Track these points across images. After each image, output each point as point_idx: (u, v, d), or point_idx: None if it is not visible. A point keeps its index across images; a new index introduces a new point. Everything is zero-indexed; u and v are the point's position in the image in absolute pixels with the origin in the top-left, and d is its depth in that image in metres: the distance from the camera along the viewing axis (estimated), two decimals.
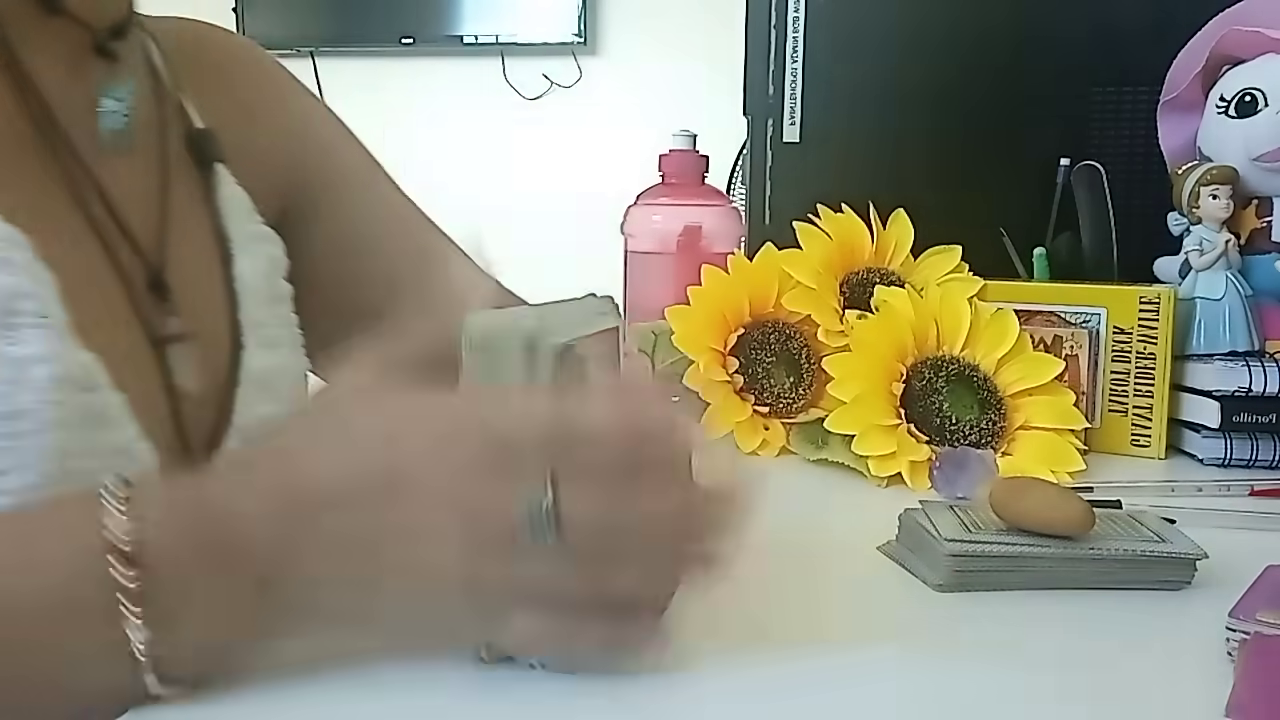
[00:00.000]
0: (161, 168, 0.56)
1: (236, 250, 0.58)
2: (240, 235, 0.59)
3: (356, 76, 2.99)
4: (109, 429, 0.47)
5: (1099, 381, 0.77)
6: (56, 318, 0.46)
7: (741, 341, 0.76)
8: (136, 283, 0.52)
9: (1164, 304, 0.75)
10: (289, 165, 0.66)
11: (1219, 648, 0.41)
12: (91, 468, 0.46)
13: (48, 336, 0.45)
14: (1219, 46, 0.80)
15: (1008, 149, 0.92)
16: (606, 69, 2.91)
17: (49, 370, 0.45)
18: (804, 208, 0.80)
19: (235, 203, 0.60)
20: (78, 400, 0.46)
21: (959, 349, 0.72)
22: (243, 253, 0.59)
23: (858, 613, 0.48)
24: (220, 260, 0.58)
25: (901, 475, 0.67)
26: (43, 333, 0.45)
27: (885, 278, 0.79)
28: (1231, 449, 0.73)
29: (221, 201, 0.59)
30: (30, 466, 0.44)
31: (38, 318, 0.45)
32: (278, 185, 0.64)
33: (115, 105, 0.53)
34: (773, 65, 0.92)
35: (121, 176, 0.53)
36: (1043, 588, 0.48)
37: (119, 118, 0.53)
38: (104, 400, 0.47)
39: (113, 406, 0.48)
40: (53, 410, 0.45)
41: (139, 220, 0.53)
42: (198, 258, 0.57)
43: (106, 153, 0.53)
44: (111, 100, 0.53)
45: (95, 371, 0.47)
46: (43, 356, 0.45)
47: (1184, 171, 0.79)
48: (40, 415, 0.44)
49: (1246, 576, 0.45)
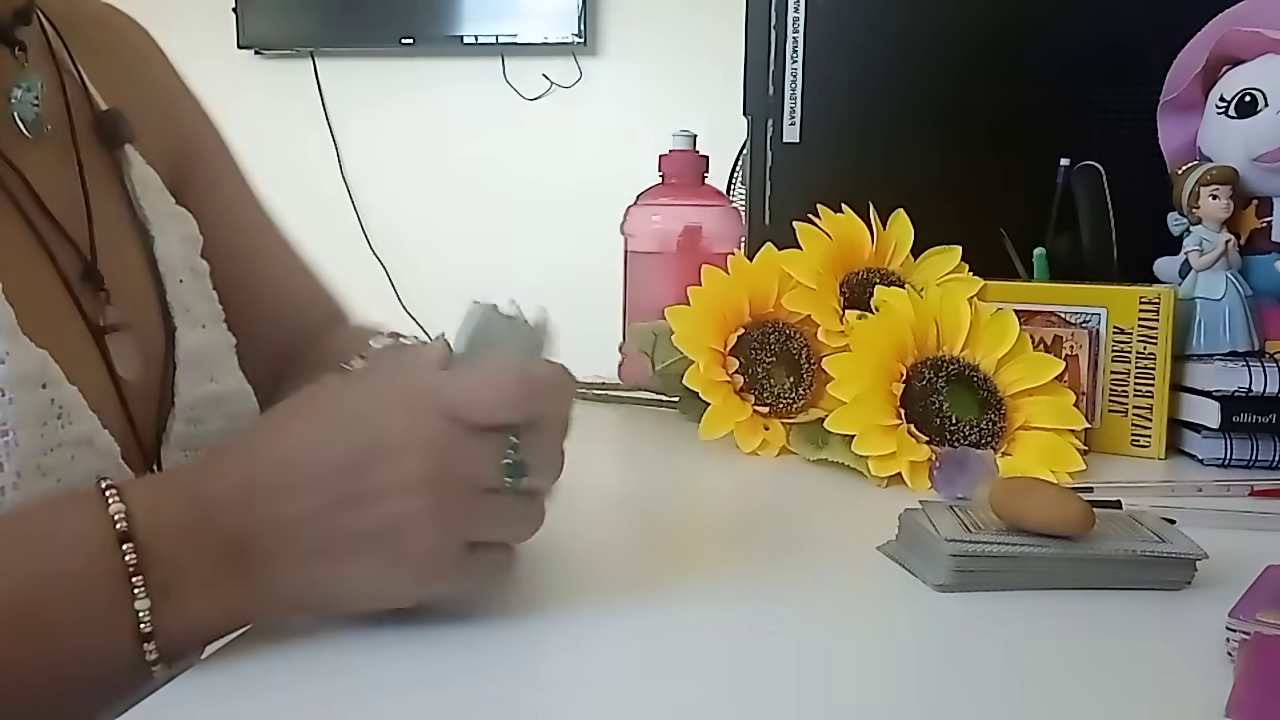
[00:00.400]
0: (75, 154, 0.55)
1: (155, 231, 0.58)
2: (157, 216, 0.59)
3: (356, 76, 2.99)
4: (69, 422, 0.47)
5: (1099, 381, 0.77)
6: (5, 316, 0.46)
7: (741, 341, 0.76)
8: (71, 274, 0.52)
9: (1164, 304, 0.75)
10: (175, 137, 0.65)
11: (1219, 648, 0.41)
12: (62, 461, 0.46)
13: (1, 337, 0.45)
14: (1219, 46, 0.80)
15: (1008, 149, 0.92)
16: (606, 69, 2.90)
17: (6, 370, 0.45)
18: (804, 208, 0.80)
19: (147, 183, 0.59)
20: (36, 398, 0.46)
21: (959, 349, 0.72)
22: (161, 233, 0.58)
23: (858, 613, 0.48)
24: (140, 243, 0.58)
25: (901, 475, 0.67)
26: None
27: (885, 278, 0.79)
28: (1231, 449, 0.73)
29: (134, 183, 0.58)
30: (4, 467, 0.44)
31: None
32: (169, 159, 0.63)
33: (25, 95, 0.52)
34: (773, 65, 0.92)
35: (39, 166, 0.52)
36: (1043, 588, 0.48)
37: (30, 106, 0.52)
38: (61, 394, 0.47)
39: (70, 400, 0.48)
40: (15, 409, 0.45)
41: (64, 210, 0.53)
42: (119, 243, 0.56)
43: (22, 144, 0.52)
44: (21, 89, 0.52)
45: (48, 367, 0.47)
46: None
47: (1184, 171, 0.79)
48: (5, 415, 0.44)
49: (1246, 576, 0.45)
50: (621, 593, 0.49)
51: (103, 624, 0.37)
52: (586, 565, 0.51)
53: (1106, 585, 0.49)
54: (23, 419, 0.45)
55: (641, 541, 0.59)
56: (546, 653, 0.42)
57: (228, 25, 2.90)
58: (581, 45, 2.85)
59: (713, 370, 0.75)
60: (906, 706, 0.39)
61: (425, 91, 2.97)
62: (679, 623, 0.46)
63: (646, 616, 0.46)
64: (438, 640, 0.42)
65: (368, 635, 0.42)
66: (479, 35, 2.88)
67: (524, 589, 0.48)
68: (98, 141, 0.58)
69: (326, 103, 3.00)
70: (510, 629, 0.44)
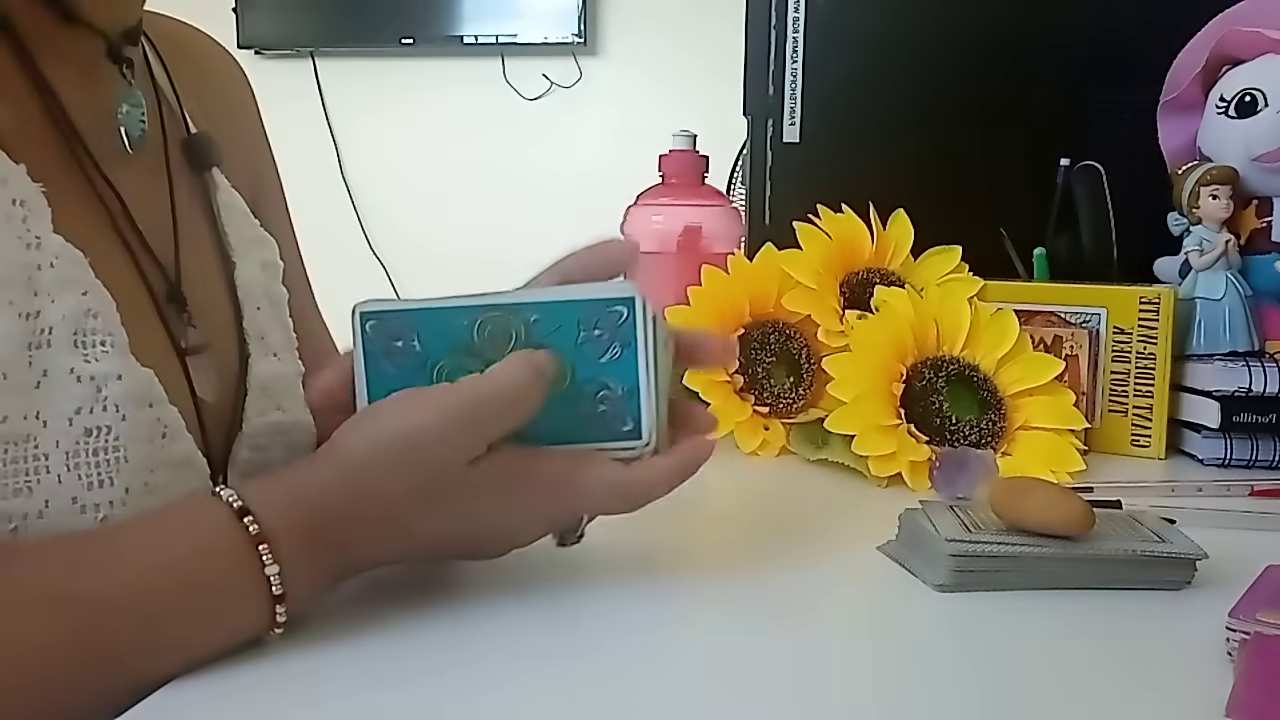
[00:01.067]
0: (167, 174, 0.56)
1: (237, 257, 0.58)
2: (240, 241, 0.59)
3: (356, 76, 2.99)
4: (171, 442, 0.48)
5: (1099, 381, 0.77)
6: (119, 335, 0.47)
7: (741, 341, 0.76)
8: (158, 294, 0.52)
9: (1164, 304, 0.75)
10: (253, 174, 0.66)
11: (1219, 648, 0.41)
12: (165, 480, 0.47)
13: (115, 354, 0.46)
14: (1219, 46, 0.80)
15: (1008, 149, 0.92)
16: (606, 69, 2.90)
17: (121, 387, 0.46)
18: (804, 208, 0.80)
19: (232, 207, 0.60)
20: (144, 416, 0.47)
21: (959, 349, 0.72)
22: (243, 259, 0.59)
23: (858, 613, 0.48)
24: (222, 267, 0.58)
25: (901, 475, 0.67)
26: (111, 350, 0.46)
27: (885, 278, 0.79)
28: (1231, 449, 0.73)
29: (220, 206, 0.59)
30: (114, 481, 0.45)
31: (105, 335, 0.46)
32: (251, 190, 0.64)
33: (132, 111, 0.53)
34: (773, 65, 0.92)
35: (135, 185, 0.53)
36: (1043, 588, 0.48)
37: (136, 123, 0.53)
38: (165, 415, 0.48)
39: (172, 420, 0.49)
40: (127, 426, 0.46)
41: (153, 230, 0.53)
42: (202, 265, 0.57)
43: (121, 161, 0.52)
44: (128, 107, 0.53)
45: (154, 387, 0.48)
46: (115, 373, 0.46)
47: (1184, 171, 0.79)
48: (117, 431, 0.45)
49: (1246, 576, 0.45)
50: (620, 592, 0.49)
51: (244, 593, 0.40)
52: (585, 565, 0.51)
53: (1106, 585, 0.49)
54: (133, 436, 0.46)
55: (641, 541, 0.59)
56: (544, 652, 0.42)
57: (228, 25, 2.90)
58: (581, 45, 2.85)
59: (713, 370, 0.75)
60: (906, 706, 0.39)
61: (425, 91, 2.97)
62: (679, 622, 0.46)
63: (646, 616, 0.46)
64: (431, 640, 0.42)
65: (366, 634, 0.42)
66: (479, 35, 2.89)
67: (523, 588, 0.48)
68: (186, 163, 0.58)
69: (326, 103, 3.00)
70: (509, 628, 0.44)
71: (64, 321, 0.45)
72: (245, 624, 0.41)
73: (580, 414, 0.46)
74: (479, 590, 0.47)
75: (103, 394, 0.45)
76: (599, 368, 0.45)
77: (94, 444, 0.45)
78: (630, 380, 0.46)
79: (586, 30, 2.83)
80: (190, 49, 0.64)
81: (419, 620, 0.44)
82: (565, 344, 0.45)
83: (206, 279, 0.57)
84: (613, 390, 0.46)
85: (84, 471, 0.44)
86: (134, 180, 0.53)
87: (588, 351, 0.45)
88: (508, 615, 0.45)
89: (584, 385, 0.46)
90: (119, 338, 0.47)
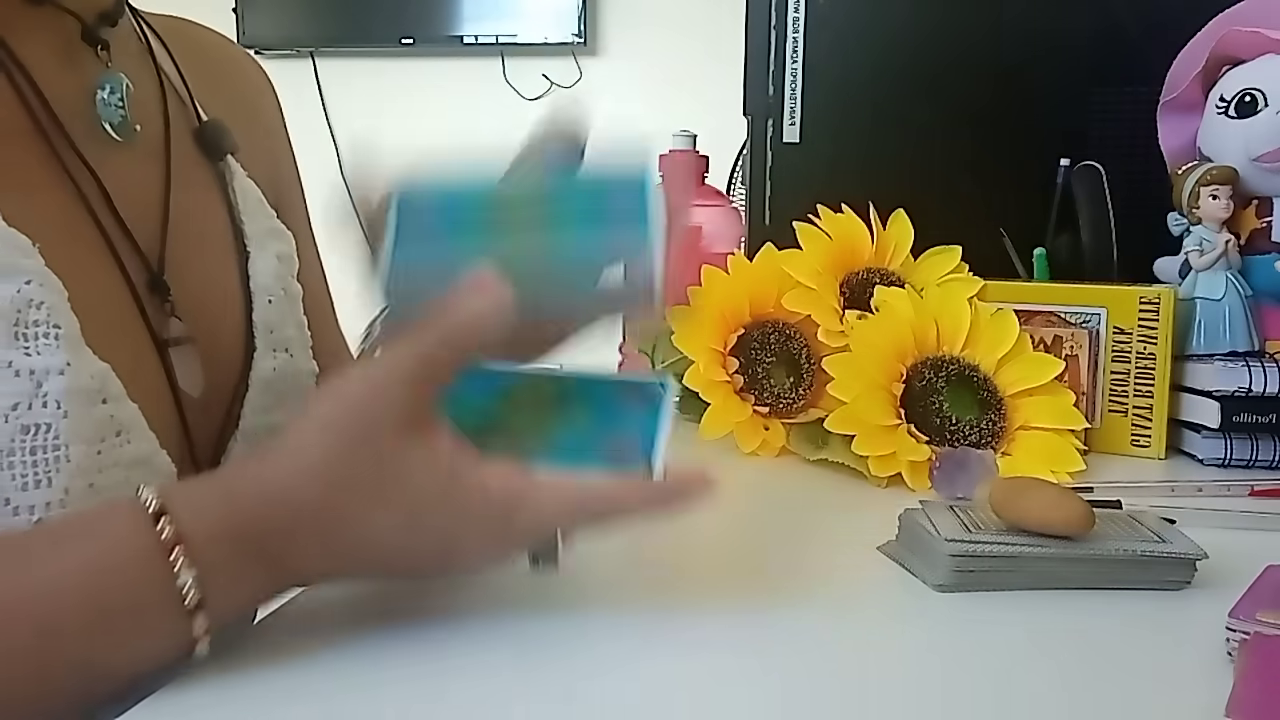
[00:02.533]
0: (164, 162, 0.55)
1: (252, 247, 0.57)
2: (255, 230, 0.58)
3: (356, 76, 2.99)
4: (128, 441, 0.46)
5: (1099, 381, 0.77)
6: (69, 326, 0.45)
7: (741, 341, 0.76)
8: (138, 284, 0.51)
9: (1164, 304, 0.75)
10: (274, 171, 0.65)
11: (1219, 648, 0.41)
12: (115, 481, 0.45)
13: (62, 346, 0.44)
14: (1219, 47, 0.80)
15: (1008, 149, 0.92)
16: (606, 69, 2.90)
17: (63, 382, 0.44)
18: (804, 208, 0.80)
19: (248, 195, 0.59)
20: (93, 413, 0.45)
21: (959, 349, 0.72)
22: (258, 249, 0.58)
23: (858, 613, 0.48)
24: (236, 257, 0.57)
25: (901, 475, 0.67)
26: (56, 343, 0.44)
27: (885, 278, 0.79)
28: (1231, 449, 0.73)
29: (235, 195, 0.58)
30: (53, 482, 0.43)
31: (51, 327, 0.44)
32: (274, 190, 0.63)
33: (109, 97, 0.52)
34: (773, 65, 0.92)
35: (121, 171, 0.52)
36: (1043, 588, 0.48)
37: (115, 110, 0.52)
38: (121, 411, 0.46)
39: (130, 417, 0.47)
40: (69, 424, 0.44)
41: (139, 217, 0.52)
42: (211, 254, 0.56)
43: (105, 146, 0.51)
44: (105, 91, 0.52)
45: (110, 382, 0.46)
46: (58, 367, 0.44)
47: (1184, 171, 0.79)
48: (58, 428, 0.43)
49: (1246, 576, 0.45)
50: (620, 592, 0.49)
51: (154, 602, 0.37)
52: (584, 565, 0.51)
53: (1106, 585, 0.49)
54: (76, 434, 0.44)
55: (640, 541, 0.59)
56: (543, 653, 0.42)
57: (228, 25, 2.90)
58: (581, 45, 2.85)
59: (713, 370, 0.75)
60: (906, 706, 0.39)
61: (425, 91, 2.97)
62: (678, 622, 0.46)
63: (645, 615, 0.46)
64: (427, 642, 0.42)
65: (367, 635, 0.42)
66: (479, 35, 2.88)
67: (520, 587, 0.48)
68: (200, 151, 0.57)
69: (326, 103, 3.00)
70: (507, 628, 0.44)
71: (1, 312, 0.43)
72: (159, 635, 0.37)
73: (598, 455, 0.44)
74: (476, 590, 0.47)
75: (43, 389, 0.43)
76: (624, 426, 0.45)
77: (31, 442, 0.43)
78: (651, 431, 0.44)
79: (586, 30, 2.83)
80: (207, 46, 0.64)
81: (411, 624, 0.44)
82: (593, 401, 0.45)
83: (213, 269, 0.56)
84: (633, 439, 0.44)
85: (19, 471, 0.42)
86: (123, 166, 0.52)
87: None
88: (504, 615, 0.45)
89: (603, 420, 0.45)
90: (69, 329, 0.44)
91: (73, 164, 0.49)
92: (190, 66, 0.60)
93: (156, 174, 0.54)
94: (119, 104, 0.52)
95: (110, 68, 0.53)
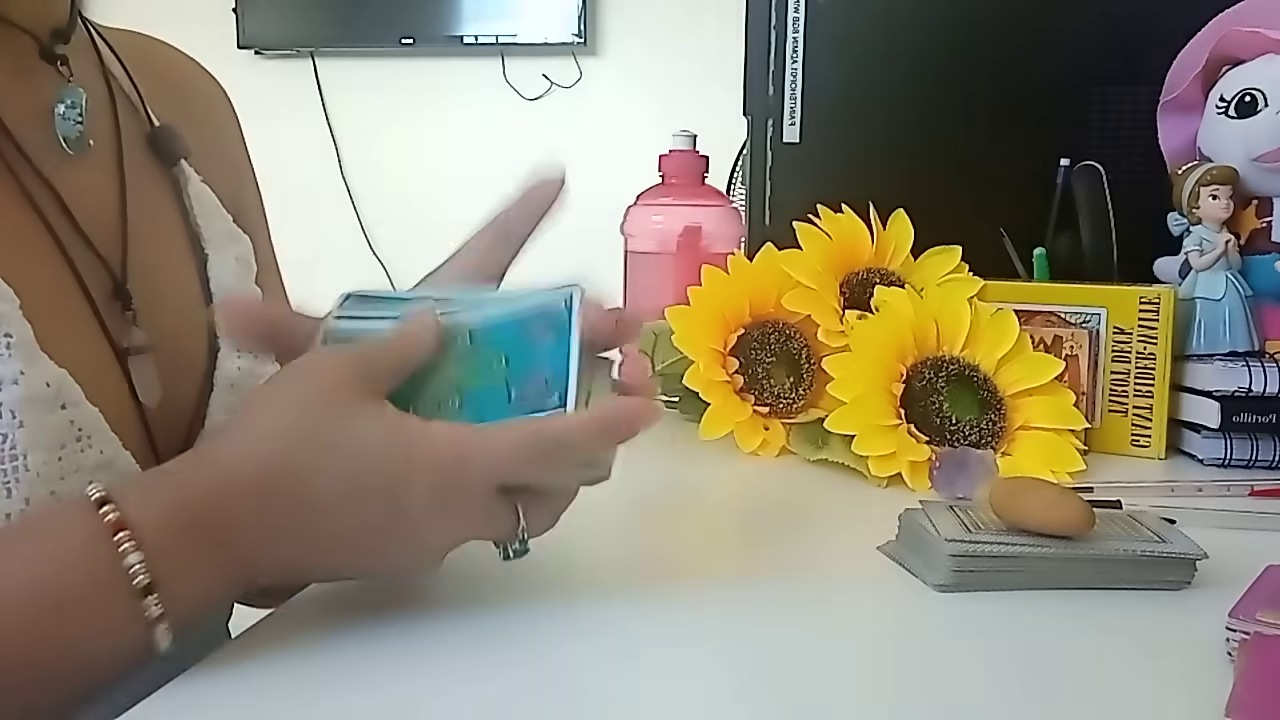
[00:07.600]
0: (119, 172, 0.55)
1: (210, 250, 0.58)
2: (213, 234, 0.58)
3: (356, 76, 2.99)
4: (90, 445, 0.46)
5: (1099, 381, 0.77)
6: (21, 335, 0.45)
7: (741, 341, 0.76)
8: (99, 293, 0.51)
9: (1164, 304, 0.75)
10: (233, 181, 0.65)
11: (1219, 648, 0.41)
12: (78, 487, 0.44)
13: (14, 355, 0.44)
14: (1219, 46, 0.80)
15: (1008, 149, 0.92)
16: (606, 69, 2.90)
17: (18, 391, 0.44)
18: (804, 208, 0.80)
19: (204, 199, 0.59)
20: (52, 420, 0.45)
21: (959, 349, 0.72)
22: (216, 252, 0.58)
23: (858, 613, 0.48)
24: (195, 261, 0.57)
25: (901, 475, 0.67)
26: (8, 351, 0.44)
27: (885, 278, 0.79)
28: (1231, 449, 0.73)
29: (190, 199, 0.58)
30: (12, 492, 0.43)
31: (3, 336, 0.44)
32: (232, 200, 0.63)
33: (68, 111, 0.52)
34: (773, 65, 0.92)
35: (79, 184, 0.52)
36: (1043, 588, 0.48)
37: (72, 124, 0.52)
38: (80, 416, 0.46)
39: (90, 421, 0.47)
40: (26, 433, 0.44)
41: (99, 228, 0.52)
42: (169, 260, 0.56)
43: (62, 160, 0.52)
44: (64, 106, 0.52)
45: (67, 387, 0.46)
46: (11, 376, 0.44)
47: (1184, 171, 0.79)
48: (14, 438, 0.43)
49: (1246, 576, 0.45)
50: (620, 592, 0.49)
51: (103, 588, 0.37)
52: (585, 565, 0.51)
53: (1106, 585, 0.49)
54: (34, 442, 0.44)
55: (641, 541, 0.59)
56: (543, 653, 0.42)
57: (228, 25, 2.90)
58: (581, 45, 2.85)
59: (713, 370, 0.75)
60: (906, 707, 0.39)
61: (425, 91, 2.97)
62: (678, 622, 0.46)
63: (645, 616, 0.46)
64: (422, 639, 0.42)
65: (363, 632, 0.42)
66: (479, 35, 2.88)
67: (521, 587, 0.48)
68: (154, 157, 0.58)
69: (326, 103, 3.00)
70: (507, 627, 0.44)
71: None
72: (112, 622, 0.37)
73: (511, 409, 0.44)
74: (473, 590, 0.47)
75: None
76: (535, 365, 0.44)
77: None
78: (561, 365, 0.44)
79: (586, 30, 2.83)
80: (160, 57, 0.64)
81: (403, 620, 0.44)
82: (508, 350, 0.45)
83: (174, 273, 0.56)
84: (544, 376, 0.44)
85: None
86: (80, 178, 0.52)
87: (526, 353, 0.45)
88: (500, 615, 0.45)
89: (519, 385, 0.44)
90: (21, 337, 0.45)
91: (27, 178, 0.49)
92: (142, 75, 0.60)
93: (112, 182, 0.55)
94: (78, 118, 0.52)
95: (71, 82, 0.53)
